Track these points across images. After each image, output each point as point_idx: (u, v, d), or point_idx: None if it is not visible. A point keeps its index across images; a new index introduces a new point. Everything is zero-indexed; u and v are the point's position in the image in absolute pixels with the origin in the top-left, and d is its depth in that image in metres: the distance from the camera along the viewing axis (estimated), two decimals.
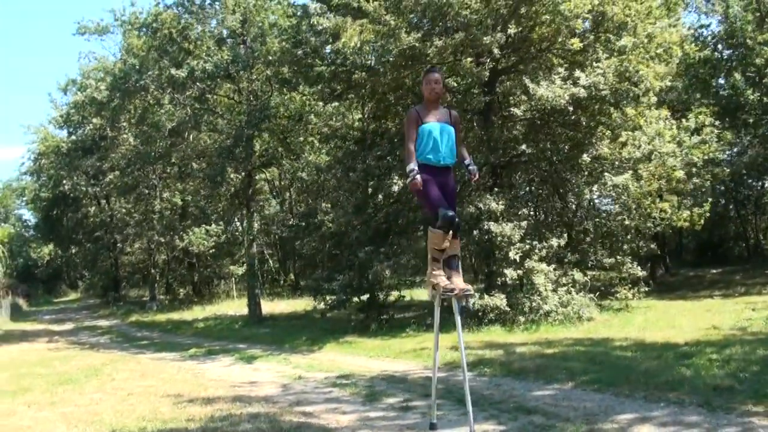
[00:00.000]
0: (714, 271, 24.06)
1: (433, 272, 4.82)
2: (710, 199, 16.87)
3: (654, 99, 15.12)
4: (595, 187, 13.91)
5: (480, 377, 8.23)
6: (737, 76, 19.26)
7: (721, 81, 20.75)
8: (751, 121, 20.19)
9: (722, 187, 25.64)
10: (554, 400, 6.57)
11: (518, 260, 12.79)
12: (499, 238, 12.74)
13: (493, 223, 12.80)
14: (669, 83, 16.54)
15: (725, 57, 21.15)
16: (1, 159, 68.33)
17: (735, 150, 23.80)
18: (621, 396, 6.49)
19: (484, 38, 11.76)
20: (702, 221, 15.55)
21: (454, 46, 12.41)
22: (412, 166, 4.73)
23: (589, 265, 14.38)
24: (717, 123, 15.90)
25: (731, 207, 29.22)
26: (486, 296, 12.77)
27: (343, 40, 12.03)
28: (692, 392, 6.29)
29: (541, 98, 11.88)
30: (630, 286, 15.27)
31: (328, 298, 15.65)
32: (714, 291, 19.10)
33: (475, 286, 12.09)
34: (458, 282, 4.74)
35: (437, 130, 4.84)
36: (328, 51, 14.46)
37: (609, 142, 14.16)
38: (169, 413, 6.95)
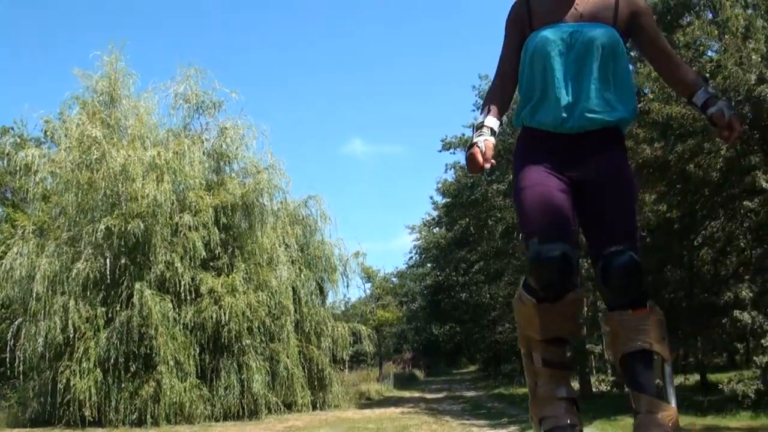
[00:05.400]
0: None
1: (532, 386, 2.31)
2: None
3: None
4: None
5: None
6: None
7: None
8: None
9: None
10: None
11: None
12: (749, 328, 13.17)
13: (739, 312, 13.21)
14: None
15: None
16: (387, 250, 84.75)
17: None
18: None
19: None
20: None
21: None
22: (482, 118, 2.27)
23: None
24: None
25: None
26: (737, 383, 13.23)
27: None
28: None
29: None
30: None
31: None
32: None
33: None
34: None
35: (558, 45, 2.16)
36: None
37: None
38: None
